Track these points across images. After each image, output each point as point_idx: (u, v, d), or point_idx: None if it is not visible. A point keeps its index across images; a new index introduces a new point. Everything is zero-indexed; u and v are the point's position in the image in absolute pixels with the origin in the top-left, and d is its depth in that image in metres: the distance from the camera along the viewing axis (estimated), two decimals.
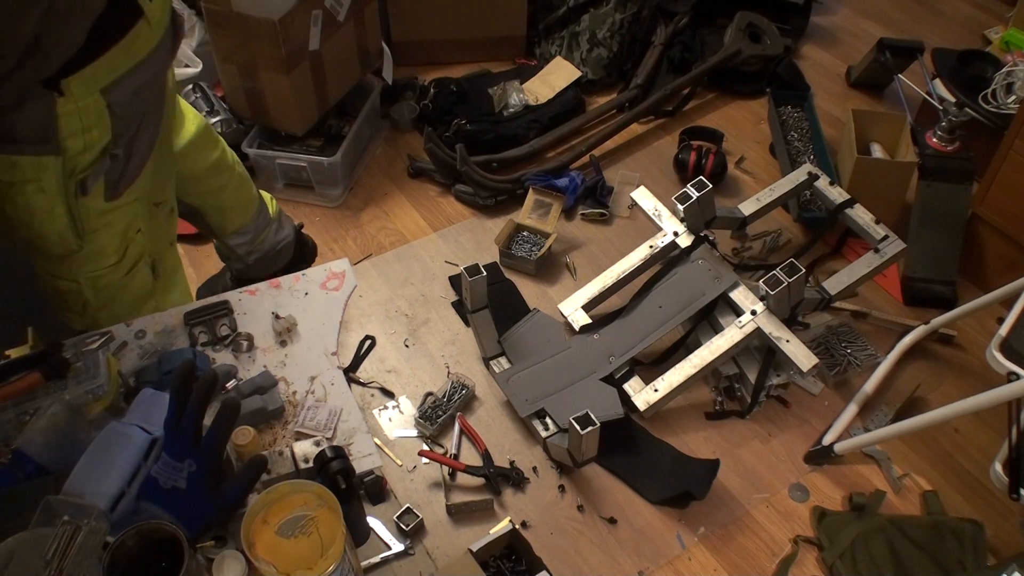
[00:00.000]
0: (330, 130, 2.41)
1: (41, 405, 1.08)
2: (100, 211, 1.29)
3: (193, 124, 1.65)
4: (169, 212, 1.54)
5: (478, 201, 2.39)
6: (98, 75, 1.13)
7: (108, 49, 1.13)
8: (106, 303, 1.40)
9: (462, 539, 1.68)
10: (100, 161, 1.21)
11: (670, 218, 2.06)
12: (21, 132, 1.11)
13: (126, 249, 1.37)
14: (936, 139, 2.22)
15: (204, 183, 1.69)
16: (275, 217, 1.94)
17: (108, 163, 1.23)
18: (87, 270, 1.34)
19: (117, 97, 1.18)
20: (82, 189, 1.22)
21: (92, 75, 1.12)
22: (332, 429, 1.18)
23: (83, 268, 1.33)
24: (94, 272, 1.35)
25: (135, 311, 1.44)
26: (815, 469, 1.85)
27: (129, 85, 1.19)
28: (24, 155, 1.13)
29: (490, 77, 2.79)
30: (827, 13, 3.21)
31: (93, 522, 0.91)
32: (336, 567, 0.91)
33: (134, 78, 1.19)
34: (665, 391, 1.83)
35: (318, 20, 2.19)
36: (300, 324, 1.30)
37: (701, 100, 2.80)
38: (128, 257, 1.38)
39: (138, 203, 1.37)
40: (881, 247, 1.99)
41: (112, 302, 1.41)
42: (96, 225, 1.30)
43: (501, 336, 1.96)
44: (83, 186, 1.22)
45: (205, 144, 1.68)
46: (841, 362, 2.01)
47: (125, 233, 1.36)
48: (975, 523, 1.70)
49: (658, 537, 1.72)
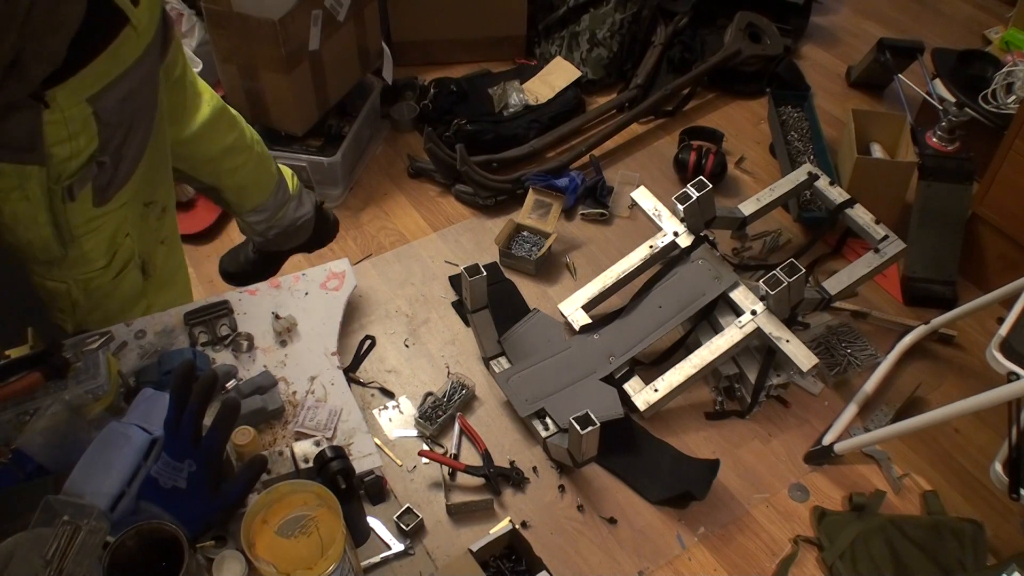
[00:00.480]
0: (330, 130, 2.41)
1: (41, 405, 1.08)
2: (88, 217, 1.28)
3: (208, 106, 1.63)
4: (161, 212, 1.53)
5: (478, 201, 2.39)
6: (84, 84, 1.12)
7: (93, 59, 1.11)
8: (96, 305, 1.40)
9: (462, 539, 1.68)
10: (87, 168, 1.20)
11: (670, 218, 2.06)
12: (6, 140, 1.09)
13: (115, 253, 1.37)
14: (936, 139, 2.22)
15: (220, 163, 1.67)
16: (295, 194, 1.92)
17: (96, 170, 1.22)
18: (75, 273, 1.33)
19: (104, 104, 1.17)
20: (69, 195, 1.21)
21: (78, 85, 1.11)
22: (332, 429, 1.18)
23: (71, 271, 1.33)
24: (83, 275, 1.34)
25: (126, 312, 1.44)
26: (815, 469, 1.85)
27: (117, 92, 1.18)
28: (8, 162, 1.12)
29: (490, 77, 2.79)
30: (827, 13, 3.21)
31: (93, 522, 0.91)
32: (336, 567, 0.91)
33: (122, 85, 1.18)
34: (665, 391, 1.83)
35: (318, 20, 2.19)
36: (300, 324, 1.30)
37: (701, 100, 2.80)
38: (117, 260, 1.37)
39: (127, 206, 1.36)
40: (881, 247, 1.99)
41: (102, 303, 1.41)
42: (84, 230, 1.28)
43: (501, 336, 1.96)
44: (70, 192, 1.20)
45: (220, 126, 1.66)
46: (841, 362, 2.01)
47: (113, 237, 1.35)
48: (975, 523, 1.70)
49: (658, 537, 1.72)
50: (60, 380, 1.11)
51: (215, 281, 2.12)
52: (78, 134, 1.14)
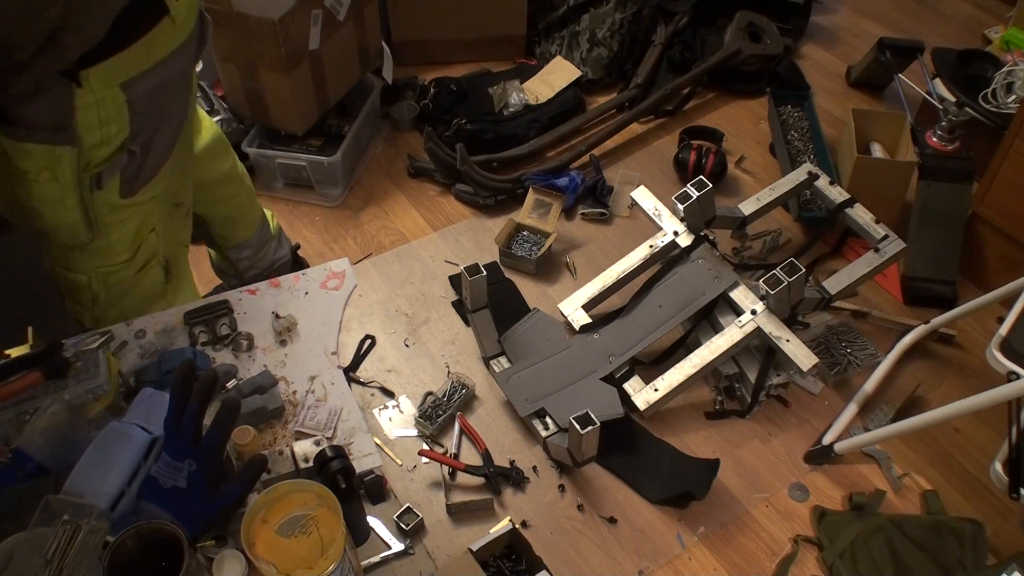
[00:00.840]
0: (330, 130, 2.41)
1: (41, 405, 1.08)
2: (114, 207, 1.29)
3: (208, 132, 1.66)
4: (186, 214, 1.54)
5: (478, 201, 2.39)
6: (118, 69, 1.14)
7: (130, 44, 1.13)
8: (115, 300, 1.41)
9: (462, 539, 1.68)
10: (117, 156, 1.22)
11: (670, 218, 2.06)
12: (38, 120, 1.11)
13: (138, 247, 1.38)
14: (936, 139, 2.22)
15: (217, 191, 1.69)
16: (275, 235, 1.96)
17: (125, 159, 1.24)
18: (97, 265, 1.34)
19: (137, 93, 1.18)
20: (97, 183, 1.23)
21: (112, 69, 1.13)
22: (332, 429, 1.18)
23: (94, 262, 1.34)
24: (104, 268, 1.35)
25: (145, 310, 1.44)
26: (815, 469, 1.85)
27: (149, 82, 1.19)
28: (40, 143, 1.13)
29: (490, 77, 2.79)
30: (827, 13, 3.21)
31: (93, 522, 0.91)
32: (336, 567, 0.91)
33: (155, 75, 1.19)
34: (665, 391, 1.83)
35: (318, 20, 2.19)
36: (300, 324, 1.30)
37: (701, 100, 2.80)
38: (140, 255, 1.39)
39: (156, 202, 1.37)
40: (881, 247, 1.99)
41: (121, 299, 1.41)
42: (109, 221, 1.30)
43: (501, 336, 1.96)
44: (98, 180, 1.23)
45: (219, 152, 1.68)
46: (841, 362, 2.01)
47: (138, 231, 1.36)
48: (975, 523, 1.70)
49: (658, 537, 1.72)
50: (60, 380, 1.11)
51: (214, 281, 2.12)
52: (110, 121, 1.16)
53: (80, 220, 1.24)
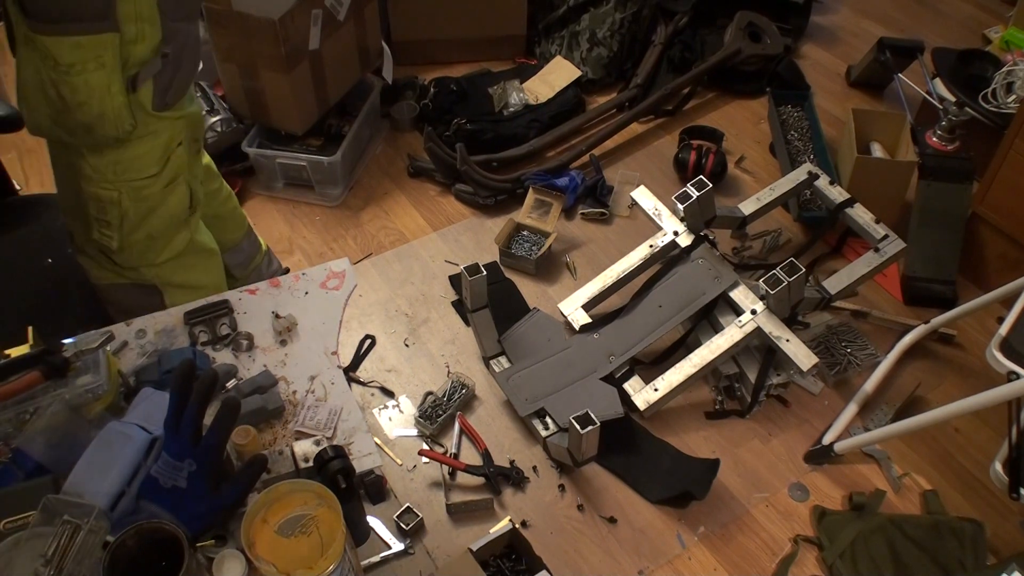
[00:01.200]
0: (330, 129, 2.41)
1: (41, 404, 1.08)
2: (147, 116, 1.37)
3: None
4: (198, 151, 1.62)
5: (478, 200, 2.39)
6: None
7: None
8: (143, 218, 1.46)
9: (462, 538, 1.68)
10: (152, 60, 1.31)
11: (670, 217, 2.06)
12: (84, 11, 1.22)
13: (167, 161, 1.44)
14: (936, 138, 2.22)
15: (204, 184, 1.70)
16: (265, 250, 2.02)
17: (159, 64, 1.33)
18: (130, 176, 1.41)
19: None
20: (132, 86, 1.31)
21: None
22: (332, 428, 1.18)
23: (127, 174, 1.40)
24: (135, 180, 1.41)
25: (170, 237, 1.53)
26: (815, 468, 1.85)
27: None
28: (88, 34, 1.23)
29: (490, 76, 2.79)
30: (827, 13, 3.21)
31: (93, 521, 0.91)
32: (336, 566, 0.91)
33: None
34: (665, 390, 1.83)
35: (318, 19, 2.19)
36: (300, 323, 1.30)
37: (701, 100, 2.80)
38: (168, 169, 1.45)
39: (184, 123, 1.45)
40: (881, 246, 1.98)
41: (148, 218, 1.47)
42: (142, 132, 1.37)
43: (501, 335, 1.96)
44: (133, 83, 1.31)
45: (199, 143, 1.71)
46: (841, 361, 2.01)
47: (168, 145, 1.43)
48: (975, 523, 1.70)
49: (658, 536, 1.72)
50: (60, 379, 1.11)
51: None
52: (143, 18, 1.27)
53: (124, 105, 1.32)
